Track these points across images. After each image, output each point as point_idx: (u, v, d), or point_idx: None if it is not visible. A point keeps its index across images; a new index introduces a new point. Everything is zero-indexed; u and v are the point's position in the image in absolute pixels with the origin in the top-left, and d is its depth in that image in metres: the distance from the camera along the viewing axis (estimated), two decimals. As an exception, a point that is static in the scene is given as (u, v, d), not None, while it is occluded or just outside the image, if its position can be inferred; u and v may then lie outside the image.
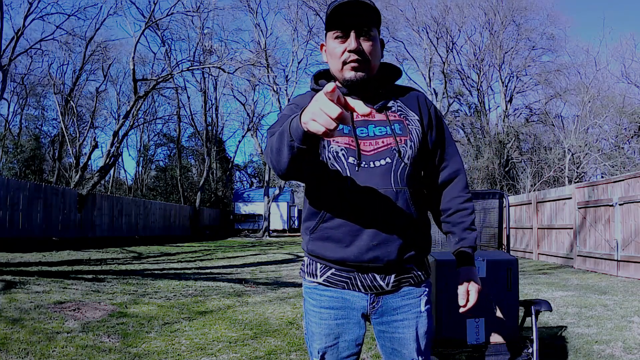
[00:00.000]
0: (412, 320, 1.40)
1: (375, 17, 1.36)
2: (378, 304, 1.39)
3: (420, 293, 1.42)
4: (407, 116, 1.41)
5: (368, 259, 1.33)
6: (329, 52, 1.39)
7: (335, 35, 1.35)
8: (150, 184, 37.05)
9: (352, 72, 1.34)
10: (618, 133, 22.06)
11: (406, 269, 1.39)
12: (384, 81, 1.45)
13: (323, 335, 1.40)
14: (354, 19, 1.32)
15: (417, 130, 1.39)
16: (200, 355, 3.35)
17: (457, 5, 28.34)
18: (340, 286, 1.38)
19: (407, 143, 1.36)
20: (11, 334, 3.64)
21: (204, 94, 30.60)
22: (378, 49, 1.38)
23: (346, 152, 1.33)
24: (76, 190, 15.51)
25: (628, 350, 3.48)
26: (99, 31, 22.93)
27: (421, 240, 1.41)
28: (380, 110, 1.39)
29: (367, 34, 1.35)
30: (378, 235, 1.32)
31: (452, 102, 30.32)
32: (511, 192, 22.38)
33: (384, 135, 1.36)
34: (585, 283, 7.17)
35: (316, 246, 1.39)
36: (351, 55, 1.33)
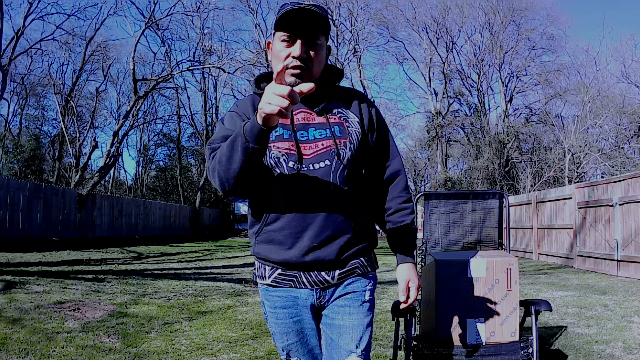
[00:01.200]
0: (354, 308, 1.42)
1: (325, 26, 1.38)
2: (325, 297, 1.43)
3: (366, 284, 1.46)
4: (347, 118, 1.44)
5: (309, 260, 1.37)
6: (274, 53, 1.41)
7: (282, 38, 1.37)
8: (150, 184, 37.04)
9: (292, 77, 1.37)
10: (618, 133, 22.06)
11: (350, 263, 1.43)
12: (326, 83, 1.46)
13: (283, 334, 1.46)
14: (303, 27, 1.34)
15: (357, 132, 1.43)
16: (200, 355, 3.35)
17: (457, 5, 28.35)
18: (288, 285, 1.42)
19: (347, 145, 1.39)
20: (11, 334, 3.64)
21: (204, 94, 30.61)
22: (322, 57, 1.42)
23: (287, 156, 1.36)
24: (76, 190, 15.51)
25: (628, 350, 3.48)
26: (99, 31, 22.94)
27: (364, 238, 1.45)
28: (320, 113, 1.42)
29: (314, 43, 1.37)
30: (319, 236, 1.36)
31: (452, 102, 30.33)
32: (511, 192, 22.38)
33: (324, 137, 1.39)
34: (585, 283, 7.17)
35: (261, 249, 1.43)
36: (294, 61, 1.35)
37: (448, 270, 2.38)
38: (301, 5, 1.33)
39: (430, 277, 2.49)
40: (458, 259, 2.42)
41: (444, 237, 3.01)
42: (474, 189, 20.87)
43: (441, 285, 2.37)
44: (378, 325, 4.26)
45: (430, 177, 33.64)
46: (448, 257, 2.51)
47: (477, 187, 24.08)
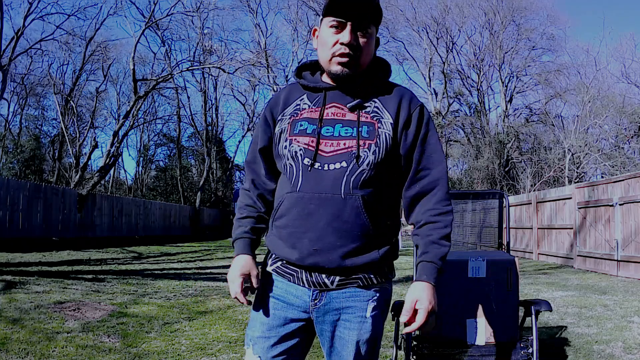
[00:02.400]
0: (354, 324, 1.33)
1: (377, 14, 1.32)
2: (321, 301, 1.33)
3: (369, 297, 1.34)
4: (380, 118, 1.33)
5: (309, 263, 1.30)
6: (321, 40, 1.34)
7: (331, 24, 1.30)
8: (150, 184, 37.03)
9: (339, 66, 1.31)
10: (618, 133, 22.07)
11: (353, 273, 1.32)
12: (371, 77, 1.38)
13: (259, 323, 1.37)
14: (354, 11, 1.27)
15: (388, 134, 1.31)
16: (200, 355, 3.35)
17: (457, 5, 28.35)
18: (287, 277, 1.35)
19: (371, 147, 1.29)
20: (11, 334, 3.64)
21: (204, 94, 30.61)
22: (372, 47, 1.34)
23: (304, 152, 1.30)
24: (76, 190, 15.51)
25: (628, 350, 3.48)
26: (99, 31, 22.92)
27: (376, 248, 1.32)
28: (353, 109, 1.33)
29: (364, 30, 1.30)
30: (319, 241, 1.27)
31: (452, 102, 30.35)
32: (511, 192, 22.38)
33: (349, 136, 1.30)
34: (585, 283, 7.17)
35: (270, 241, 1.40)
36: (342, 48, 1.29)
37: (448, 270, 2.38)
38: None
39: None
40: (458, 259, 2.42)
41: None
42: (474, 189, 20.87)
43: (441, 285, 2.37)
44: (378, 325, 4.26)
45: (430, 177, 33.59)
46: (448, 257, 2.51)
47: (477, 187, 24.08)
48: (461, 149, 30.39)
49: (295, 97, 1.41)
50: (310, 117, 1.34)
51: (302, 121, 1.35)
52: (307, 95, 1.39)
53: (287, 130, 1.35)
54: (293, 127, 1.34)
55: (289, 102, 1.40)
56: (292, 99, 1.41)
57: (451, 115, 29.74)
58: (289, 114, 1.38)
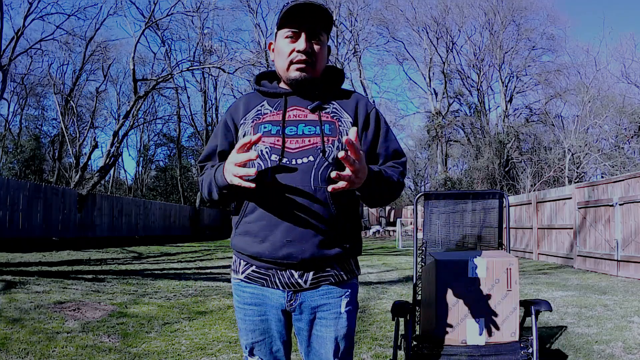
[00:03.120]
0: (330, 320, 1.40)
1: (328, 22, 1.41)
2: (296, 301, 1.40)
3: (342, 293, 1.41)
4: (340, 118, 1.43)
5: (282, 255, 1.34)
6: (278, 51, 1.44)
7: (287, 35, 1.40)
8: (150, 184, 37.03)
9: (298, 72, 1.40)
10: (618, 133, 22.07)
11: (324, 268, 1.39)
12: (327, 84, 1.48)
13: (249, 331, 1.45)
14: (307, 21, 1.38)
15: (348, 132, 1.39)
16: (200, 355, 3.35)
17: (457, 5, 28.36)
18: (260, 283, 1.41)
19: (335, 144, 1.38)
20: (11, 334, 3.64)
21: (204, 94, 30.62)
22: (325, 54, 1.44)
23: (270, 150, 1.37)
24: (76, 190, 15.51)
25: (628, 350, 3.48)
26: (99, 31, 22.94)
27: (343, 241, 1.40)
28: (313, 110, 1.42)
29: (317, 38, 1.40)
30: (292, 231, 1.33)
31: (452, 102, 30.35)
32: (511, 192, 22.38)
33: (312, 134, 1.38)
34: (585, 283, 7.17)
35: (238, 240, 1.44)
36: (299, 55, 1.38)
37: (448, 270, 2.38)
38: (305, 1, 1.36)
39: (430, 277, 2.49)
40: (458, 259, 2.42)
41: (444, 237, 3.01)
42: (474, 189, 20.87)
43: (441, 285, 2.37)
44: (378, 325, 4.26)
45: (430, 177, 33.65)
46: (448, 257, 2.51)
47: (477, 187, 24.08)
48: (461, 149, 30.39)
49: (255, 104, 1.48)
50: (273, 120, 1.42)
51: (265, 124, 1.42)
52: (267, 101, 1.47)
53: (250, 132, 1.42)
54: (256, 130, 1.42)
55: (250, 108, 1.47)
56: (253, 105, 1.48)
57: (451, 115, 29.74)
58: (250, 118, 1.45)
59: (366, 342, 3.67)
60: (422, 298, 2.75)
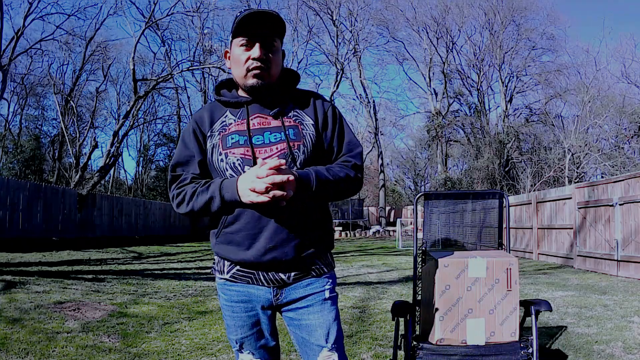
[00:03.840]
0: (317, 307, 1.47)
1: (280, 29, 1.45)
2: (282, 295, 1.47)
3: (324, 283, 1.50)
4: (302, 121, 1.48)
5: (267, 260, 1.41)
6: (234, 59, 1.48)
7: (241, 44, 1.44)
8: (150, 184, 37.02)
9: (254, 79, 1.44)
10: (618, 133, 22.08)
11: (306, 265, 1.47)
12: (284, 87, 1.53)
13: (238, 327, 1.51)
14: (260, 30, 1.42)
15: (312, 134, 1.47)
16: (200, 355, 3.35)
17: (457, 5, 28.37)
18: (245, 281, 1.48)
19: (300, 148, 1.43)
20: (11, 334, 3.64)
21: (204, 94, 30.61)
22: (279, 59, 1.48)
23: (242, 161, 1.42)
24: (76, 190, 15.51)
25: (628, 350, 3.48)
26: (99, 31, 22.94)
27: (320, 237, 1.48)
28: (276, 116, 1.46)
29: (271, 45, 1.44)
30: (274, 237, 1.40)
31: (452, 102, 30.35)
32: (511, 192, 22.38)
33: (278, 141, 1.43)
34: (585, 283, 7.17)
35: (220, 249, 1.49)
36: (254, 63, 1.42)
37: (448, 270, 2.38)
38: (257, 10, 1.42)
39: (430, 277, 2.49)
40: (458, 259, 2.42)
41: (444, 237, 3.01)
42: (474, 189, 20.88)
43: (441, 285, 2.37)
44: (378, 325, 4.26)
45: (430, 177, 33.65)
46: (448, 257, 2.51)
47: (477, 187, 24.08)
48: (461, 149, 30.39)
49: (219, 115, 1.51)
50: (238, 130, 1.46)
51: (232, 135, 1.45)
52: (229, 111, 1.50)
53: (218, 144, 1.45)
54: (224, 142, 1.45)
55: (215, 119, 1.51)
56: (217, 116, 1.51)
57: (451, 115, 29.74)
58: (217, 130, 1.49)
59: (366, 342, 3.67)
60: (422, 298, 2.75)
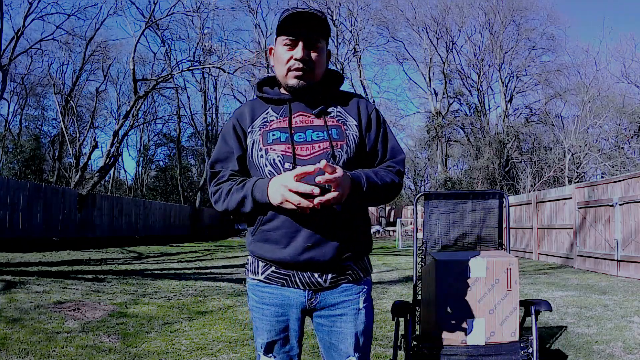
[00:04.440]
0: (350, 316, 1.45)
1: (325, 29, 1.43)
2: (316, 299, 1.44)
3: (359, 290, 1.47)
4: (345, 121, 1.47)
5: (304, 259, 1.39)
6: (276, 57, 1.46)
7: (285, 42, 1.42)
8: (150, 184, 37.02)
9: (295, 79, 1.42)
10: (618, 133, 22.07)
11: (343, 267, 1.44)
12: (327, 87, 1.51)
13: (265, 331, 1.48)
14: (304, 29, 1.40)
15: (355, 135, 1.45)
16: (200, 355, 3.35)
17: (457, 5, 28.35)
18: (280, 283, 1.45)
19: (343, 147, 1.42)
20: (11, 334, 3.64)
21: (204, 94, 30.61)
22: (323, 60, 1.46)
23: (282, 158, 1.40)
24: (76, 190, 15.51)
25: (628, 350, 3.48)
26: (99, 31, 22.90)
27: (358, 240, 1.46)
28: (319, 115, 1.45)
29: (315, 45, 1.42)
30: (313, 236, 1.37)
31: (452, 102, 30.32)
32: (511, 192, 22.37)
33: (321, 140, 1.41)
34: (585, 283, 7.17)
35: (256, 247, 1.46)
36: (296, 63, 1.41)
37: (448, 270, 2.38)
38: (302, 10, 1.39)
39: (430, 277, 2.49)
40: (458, 259, 2.42)
41: (444, 237, 3.01)
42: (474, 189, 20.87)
43: (441, 285, 2.37)
44: (378, 325, 4.26)
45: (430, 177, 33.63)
46: (448, 257, 2.51)
47: (477, 187, 24.07)
48: (461, 149, 30.37)
49: (260, 111, 1.49)
50: (280, 127, 1.44)
51: (273, 131, 1.44)
52: (271, 108, 1.49)
53: (259, 141, 1.44)
54: (265, 138, 1.43)
55: (256, 116, 1.49)
56: (258, 112, 1.49)
57: (451, 115, 29.72)
58: (258, 126, 1.47)
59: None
60: (422, 298, 2.75)
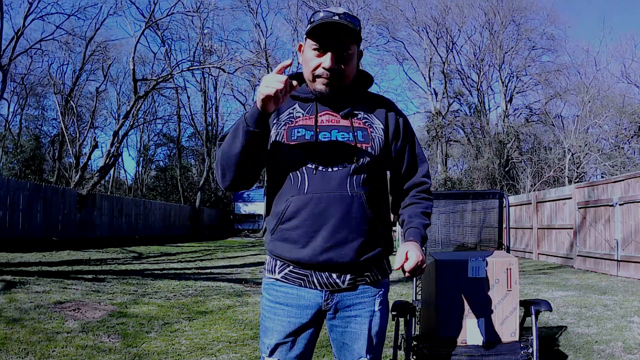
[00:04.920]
0: (365, 318, 1.44)
1: (356, 37, 1.38)
2: (333, 300, 1.42)
3: (376, 292, 1.46)
4: (372, 124, 1.45)
5: (322, 260, 1.37)
6: (305, 59, 1.43)
7: (314, 47, 1.38)
8: (150, 184, 37.01)
9: (322, 86, 1.40)
10: (618, 133, 22.06)
11: (362, 269, 1.42)
12: (356, 88, 1.48)
13: (275, 332, 1.44)
14: (334, 41, 1.35)
15: (380, 138, 1.44)
16: (200, 355, 3.35)
17: (457, 5, 28.34)
18: (297, 283, 1.42)
19: (368, 150, 1.41)
20: (11, 334, 3.64)
21: (204, 94, 30.61)
22: (353, 65, 1.42)
23: (305, 156, 1.38)
24: (76, 190, 15.51)
25: (628, 350, 3.48)
26: (99, 31, 22.91)
27: (378, 243, 1.44)
28: (345, 116, 1.43)
29: (345, 55, 1.38)
30: (332, 237, 1.36)
31: (452, 102, 30.29)
32: (511, 192, 22.37)
33: (346, 140, 1.40)
34: (585, 283, 7.17)
35: (275, 246, 1.44)
36: (324, 73, 1.37)
37: (448, 270, 2.38)
38: (334, 20, 1.33)
39: (430, 277, 2.49)
40: (458, 259, 2.42)
41: (444, 237, 3.01)
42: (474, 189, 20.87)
43: (441, 285, 2.37)
44: (378, 325, 4.26)
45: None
46: (448, 257, 2.51)
47: (477, 187, 24.07)
48: (461, 149, 30.36)
49: (287, 106, 1.47)
50: (306, 125, 1.42)
51: (298, 128, 1.42)
52: (298, 105, 1.46)
53: (283, 136, 1.41)
54: (290, 134, 1.41)
55: (282, 110, 1.46)
56: (284, 107, 1.47)
57: (451, 115, 29.70)
58: (283, 120, 1.44)
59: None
60: (422, 298, 2.75)
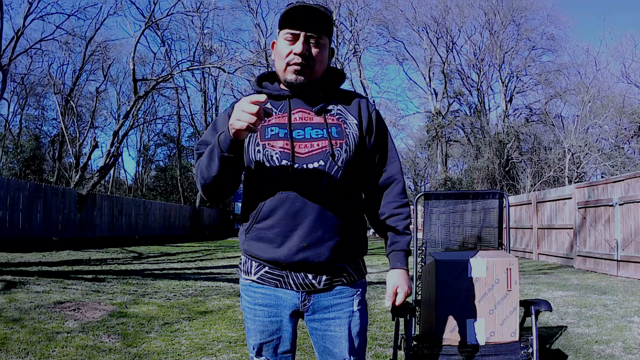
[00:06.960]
0: (344, 319, 1.43)
1: (327, 25, 1.40)
2: (310, 301, 1.42)
3: (353, 293, 1.45)
4: (346, 120, 1.43)
5: (298, 260, 1.36)
6: (277, 51, 1.43)
7: (286, 37, 1.38)
8: (150, 184, 37.02)
9: (294, 75, 1.38)
10: (618, 133, 22.06)
11: (338, 269, 1.41)
12: (327, 85, 1.47)
13: (258, 332, 1.45)
14: (306, 23, 1.36)
15: (355, 134, 1.42)
16: (200, 355, 3.35)
17: (457, 5, 28.35)
18: (273, 284, 1.42)
19: (343, 147, 1.39)
20: (11, 334, 3.64)
21: (204, 94, 30.60)
22: (325, 56, 1.42)
23: (280, 155, 1.36)
24: (76, 190, 15.50)
25: (628, 350, 3.48)
26: (99, 31, 22.90)
27: (355, 242, 1.44)
28: (319, 113, 1.42)
29: (316, 41, 1.38)
30: (308, 236, 1.35)
31: (452, 102, 30.30)
32: (511, 192, 22.37)
33: (320, 138, 1.38)
34: (585, 283, 7.17)
35: (250, 246, 1.43)
36: (295, 58, 1.37)
37: (448, 270, 2.38)
38: (305, 4, 1.35)
39: (430, 277, 2.49)
40: (458, 259, 2.42)
41: (444, 237, 3.01)
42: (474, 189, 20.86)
43: (441, 285, 2.37)
44: (378, 325, 4.26)
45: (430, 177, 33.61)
46: (448, 257, 2.51)
47: (477, 187, 24.07)
48: (461, 149, 30.37)
49: None
50: (279, 123, 1.41)
51: (271, 127, 1.40)
52: (270, 103, 1.45)
53: (256, 135, 1.40)
54: (263, 133, 1.40)
55: None
56: None
57: (451, 115, 29.71)
58: None
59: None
60: (422, 298, 2.75)
